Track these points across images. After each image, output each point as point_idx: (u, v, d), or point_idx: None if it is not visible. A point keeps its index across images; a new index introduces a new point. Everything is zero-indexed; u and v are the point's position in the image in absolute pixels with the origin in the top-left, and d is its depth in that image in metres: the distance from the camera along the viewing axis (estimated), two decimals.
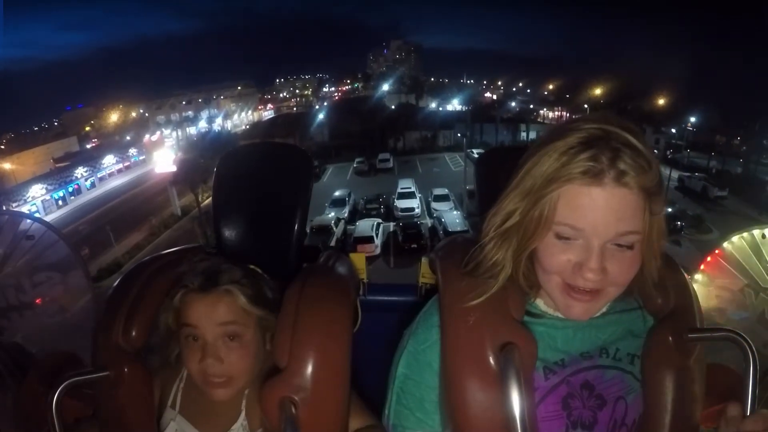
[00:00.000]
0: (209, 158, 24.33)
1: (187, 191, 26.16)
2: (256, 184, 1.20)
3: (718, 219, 20.94)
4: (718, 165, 29.00)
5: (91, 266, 18.25)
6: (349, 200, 24.66)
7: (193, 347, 0.87)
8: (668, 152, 31.59)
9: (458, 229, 18.72)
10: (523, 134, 42.19)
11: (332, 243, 18.57)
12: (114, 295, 0.94)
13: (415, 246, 18.63)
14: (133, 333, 0.89)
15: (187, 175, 24.51)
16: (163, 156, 31.10)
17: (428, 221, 22.03)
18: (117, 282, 0.97)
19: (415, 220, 21.56)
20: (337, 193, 25.48)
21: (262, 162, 1.26)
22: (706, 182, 25.08)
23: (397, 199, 23.88)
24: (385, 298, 1.29)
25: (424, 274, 1.21)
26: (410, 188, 25.28)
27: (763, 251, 1.33)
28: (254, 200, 1.18)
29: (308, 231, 18.03)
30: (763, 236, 1.34)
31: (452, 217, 20.46)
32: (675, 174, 26.05)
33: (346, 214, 22.69)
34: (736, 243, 1.38)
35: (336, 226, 20.30)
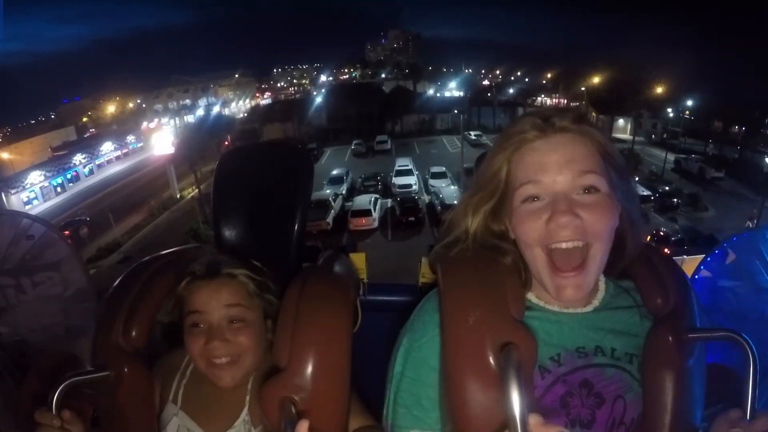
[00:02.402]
0: (207, 138, 26.16)
1: (185, 175, 27.13)
2: (256, 184, 1.20)
3: (715, 198, 21.08)
4: (715, 150, 29.36)
5: (90, 246, 19.23)
6: (346, 178, 25.08)
7: (197, 333, 0.88)
8: (664, 136, 32.28)
9: (455, 201, 18.58)
10: None
11: (330, 218, 18.97)
12: (114, 295, 0.94)
13: (412, 219, 19.14)
14: (133, 333, 0.89)
15: (187, 153, 25.23)
16: (162, 138, 31.29)
17: (426, 197, 22.39)
18: (117, 282, 0.97)
19: (413, 195, 21.90)
20: (334, 172, 25.82)
21: (262, 162, 1.26)
22: (702, 164, 25.40)
23: (395, 176, 24.38)
24: (385, 298, 1.29)
25: (424, 274, 1.21)
26: (408, 166, 25.79)
27: (763, 251, 1.33)
28: (254, 200, 1.18)
29: None
30: (764, 236, 1.34)
31: (449, 192, 20.78)
32: (671, 156, 26.64)
33: (344, 191, 23.08)
34: (736, 243, 1.38)
35: (334, 201, 20.57)
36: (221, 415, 0.92)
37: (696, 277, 1.43)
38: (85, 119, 52.89)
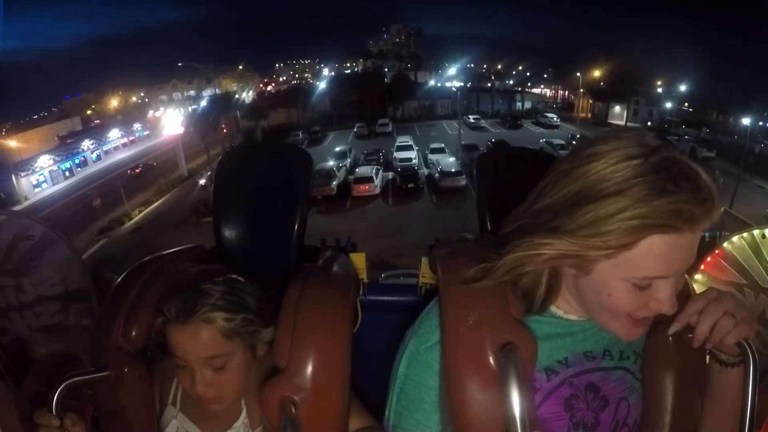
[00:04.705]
0: (218, 115, 30.18)
1: (193, 158, 30.21)
2: (256, 184, 1.20)
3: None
4: (709, 136, 30.03)
5: (103, 218, 21.11)
6: (350, 154, 26.93)
7: (182, 372, 0.86)
8: (664, 125, 33.72)
9: (452, 169, 21.40)
10: (518, 104, 45.41)
11: (334, 184, 20.80)
12: (114, 295, 0.94)
13: (411, 186, 21.31)
14: (133, 333, 0.89)
15: (198, 126, 29.00)
16: (172, 119, 33.44)
17: (425, 171, 23.88)
18: (117, 282, 0.97)
19: (413, 167, 23.51)
20: (338, 148, 27.99)
21: (262, 162, 1.26)
22: (694, 144, 26.38)
23: (396, 151, 26.22)
24: (385, 298, 1.29)
25: (424, 274, 1.21)
26: (408, 142, 28.03)
27: (763, 251, 1.33)
28: (254, 200, 1.18)
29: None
30: (763, 236, 1.34)
31: (447, 162, 22.64)
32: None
33: (347, 164, 24.77)
34: (736, 243, 1.38)
35: (338, 171, 22.41)
36: (220, 418, 0.92)
37: (696, 277, 1.43)
38: (89, 112, 52.94)
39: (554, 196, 0.67)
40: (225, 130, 33.90)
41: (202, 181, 26.21)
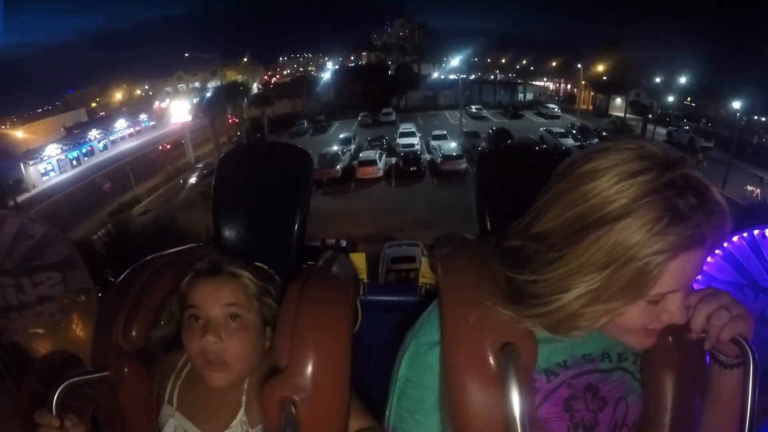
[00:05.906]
0: (226, 103, 32.44)
1: (199, 146, 31.86)
2: (256, 183, 1.20)
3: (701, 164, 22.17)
4: (709, 128, 30.40)
5: (112, 201, 22.42)
6: (354, 141, 28.34)
7: (194, 327, 0.88)
8: (659, 112, 34.50)
9: (453, 153, 22.58)
10: (520, 96, 46.51)
11: (339, 167, 22.00)
12: (114, 295, 0.94)
13: (414, 169, 22.52)
14: (133, 333, 0.89)
15: (207, 112, 30.69)
16: (179, 108, 34.71)
17: (427, 156, 25.04)
18: (117, 281, 0.97)
19: (416, 152, 24.78)
20: (342, 135, 29.85)
21: (262, 162, 1.26)
22: (692, 134, 27.12)
23: (399, 137, 27.48)
24: (385, 298, 1.29)
25: (424, 274, 1.21)
26: (411, 129, 29.47)
27: (763, 251, 1.33)
28: (254, 200, 1.18)
29: (317, 160, 22.00)
30: (763, 236, 1.34)
31: (449, 146, 23.99)
32: (664, 130, 29.14)
33: (352, 149, 26.13)
34: (736, 243, 1.38)
35: (343, 155, 23.76)
36: (218, 416, 0.92)
37: (696, 276, 1.43)
38: (93, 105, 53.23)
39: (555, 220, 0.65)
40: (231, 120, 34.92)
41: (192, 179, 25.04)
